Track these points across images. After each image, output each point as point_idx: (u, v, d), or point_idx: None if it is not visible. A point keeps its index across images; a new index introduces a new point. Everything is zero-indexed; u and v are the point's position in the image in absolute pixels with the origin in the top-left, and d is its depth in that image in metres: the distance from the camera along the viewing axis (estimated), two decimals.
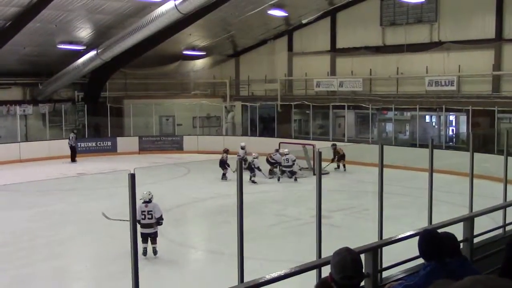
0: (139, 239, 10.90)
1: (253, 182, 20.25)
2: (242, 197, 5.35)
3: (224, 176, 20.86)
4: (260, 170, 20.80)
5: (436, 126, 26.90)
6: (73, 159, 26.15)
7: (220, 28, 29.00)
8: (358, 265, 3.15)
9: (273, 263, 10.52)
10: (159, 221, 11.63)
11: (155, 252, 11.51)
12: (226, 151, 21.49)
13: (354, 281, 3.12)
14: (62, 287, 10.61)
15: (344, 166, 22.83)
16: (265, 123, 30.54)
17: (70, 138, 26.67)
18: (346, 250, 3.21)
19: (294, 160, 21.15)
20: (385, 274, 5.70)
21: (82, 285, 10.92)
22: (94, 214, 15.14)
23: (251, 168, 20.51)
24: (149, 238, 11.49)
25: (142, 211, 11.36)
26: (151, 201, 11.56)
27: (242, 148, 22.43)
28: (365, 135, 27.29)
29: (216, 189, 18.52)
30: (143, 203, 11.39)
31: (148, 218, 11.48)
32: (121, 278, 9.39)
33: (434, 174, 7.89)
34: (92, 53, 25.71)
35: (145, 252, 11.37)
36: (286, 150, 21.76)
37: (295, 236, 13.20)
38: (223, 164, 20.87)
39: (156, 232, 11.57)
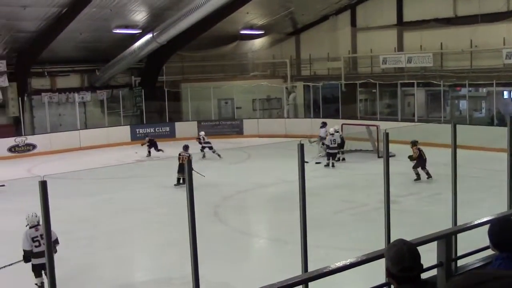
0: (32, 273, 9.34)
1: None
2: (304, 182, 5.28)
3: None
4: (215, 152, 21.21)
5: None
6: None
7: (279, 5, 28.42)
8: (416, 255, 3.04)
9: (339, 251, 10.35)
10: (54, 245, 8.73)
11: None
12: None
13: (414, 272, 3.00)
14: (125, 276, 10.49)
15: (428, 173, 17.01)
16: (328, 104, 29.59)
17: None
18: (401, 241, 3.13)
19: (339, 143, 20.14)
20: (460, 262, 5.45)
21: (143, 273, 10.77)
22: (153, 201, 15.57)
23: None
24: (43, 271, 9.23)
25: (33, 238, 9.29)
26: (39, 223, 9.24)
27: (201, 136, 22.50)
28: (436, 114, 26.33)
29: (278, 175, 18.03)
30: (30, 228, 9.35)
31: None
32: (183, 266, 9.13)
33: None
34: (148, 36, 25.63)
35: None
36: (332, 129, 20.17)
37: (362, 223, 12.83)
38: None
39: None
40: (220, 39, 30.02)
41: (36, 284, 9.36)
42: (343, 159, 20.63)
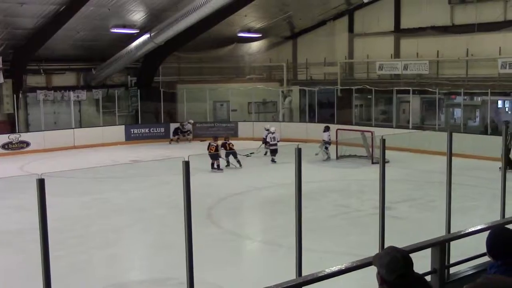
0: None
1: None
2: (300, 186, 5.25)
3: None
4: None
5: (509, 112, 25.43)
6: None
7: (277, 9, 28.32)
8: (409, 262, 3.10)
9: (333, 256, 10.30)
10: None
11: None
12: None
13: (408, 279, 3.07)
14: (118, 275, 10.41)
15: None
16: (324, 109, 29.51)
17: None
18: (394, 249, 3.17)
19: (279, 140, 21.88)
20: (453, 270, 5.51)
21: (136, 274, 10.76)
22: (147, 202, 15.50)
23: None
24: None
25: None
26: None
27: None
28: (431, 121, 26.12)
29: (273, 178, 18.02)
30: None
31: None
32: (176, 267, 9.01)
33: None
34: (145, 36, 25.48)
35: None
36: (273, 128, 22.49)
37: (356, 228, 12.77)
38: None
39: None
40: (218, 41, 29.92)
41: None
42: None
